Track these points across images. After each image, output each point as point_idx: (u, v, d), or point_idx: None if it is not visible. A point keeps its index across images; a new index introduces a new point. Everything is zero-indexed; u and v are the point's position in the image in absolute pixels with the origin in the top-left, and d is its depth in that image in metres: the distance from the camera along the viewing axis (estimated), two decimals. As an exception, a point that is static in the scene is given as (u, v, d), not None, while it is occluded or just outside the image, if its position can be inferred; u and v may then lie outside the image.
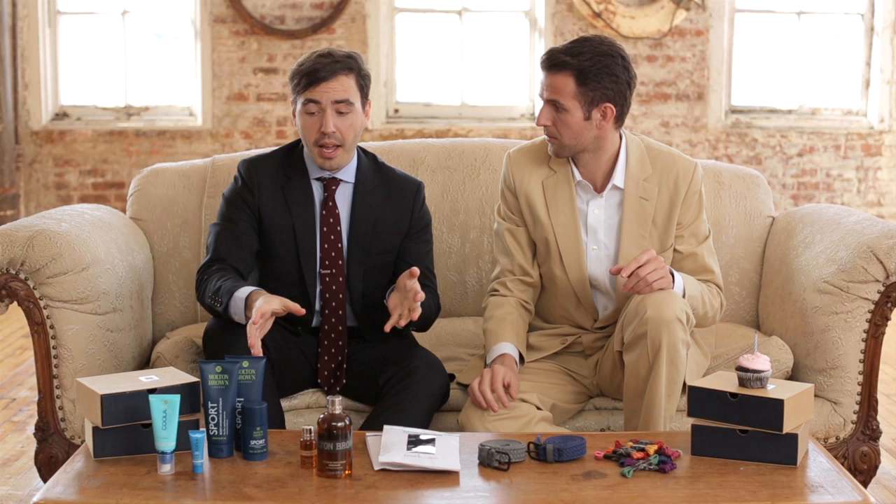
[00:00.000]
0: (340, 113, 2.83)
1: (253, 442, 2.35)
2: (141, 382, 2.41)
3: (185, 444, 2.33)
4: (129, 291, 3.07)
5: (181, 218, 3.38)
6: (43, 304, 2.90)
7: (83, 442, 2.56)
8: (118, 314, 3.00)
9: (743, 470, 2.33)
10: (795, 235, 3.25)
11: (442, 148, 3.50)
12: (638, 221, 2.89)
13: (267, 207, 2.91)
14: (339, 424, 2.26)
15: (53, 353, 2.92)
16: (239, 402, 2.39)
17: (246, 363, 2.42)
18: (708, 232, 2.97)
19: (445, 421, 2.86)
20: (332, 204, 2.92)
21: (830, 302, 3.00)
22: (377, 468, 2.30)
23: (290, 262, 2.91)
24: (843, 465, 2.93)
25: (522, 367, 2.90)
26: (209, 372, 2.36)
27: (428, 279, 2.98)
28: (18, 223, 2.97)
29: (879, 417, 3.25)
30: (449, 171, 3.45)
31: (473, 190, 3.43)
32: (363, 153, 3.02)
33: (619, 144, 2.90)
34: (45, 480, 2.97)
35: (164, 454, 2.28)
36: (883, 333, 3.01)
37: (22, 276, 2.88)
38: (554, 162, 2.94)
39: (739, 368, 2.42)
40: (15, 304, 2.92)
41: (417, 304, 2.67)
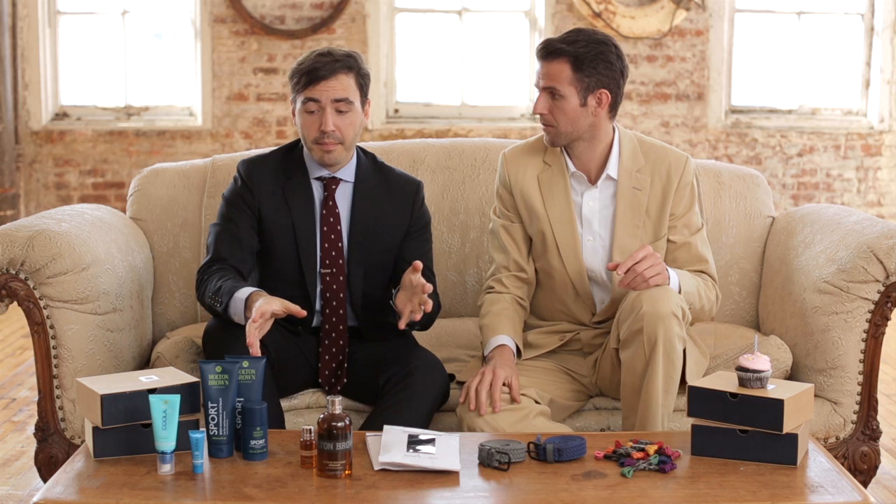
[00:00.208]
0: (340, 111, 2.84)
1: (253, 442, 2.35)
2: (141, 382, 2.41)
3: (185, 444, 2.33)
4: (129, 291, 3.07)
5: (181, 218, 3.38)
6: (43, 304, 2.90)
7: (83, 442, 2.56)
8: (118, 314, 3.00)
9: (743, 470, 2.33)
10: (795, 235, 3.25)
11: (442, 148, 3.50)
12: (632, 212, 2.92)
13: (267, 207, 2.91)
14: (339, 424, 2.26)
15: (53, 353, 2.92)
16: (239, 402, 2.39)
17: (246, 363, 2.42)
18: (701, 224, 3.00)
19: (445, 421, 2.86)
20: (332, 203, 2.92)
21: (830, 302, 3.00)
22: (377, 468, 2.30)
23: (290, 261, 2.91)
24: (843, 465, 2.93)
25: (520, 363, 2.90)
26: (209, 372, 2.37)
27: (428, 278, 2.98)
28: (18, 223, 2.97)
29: (879, 417, 3.25)
30: (449, 171, 3.45)
31: (473, 190, 3.43)
32: (362, 153, 3.02)
33: (612, 136, 2.95)
34: (45, 480, 2.97)
35: (164, 454, 2.28)
36: (883, 333, 3.01)
37: (22, 276, 2.88)
38: (548, 156, 2.97)
39: (739, 368, 2.42)
40: (15, 304, 2.92)
41: (427, 292, 2.66)
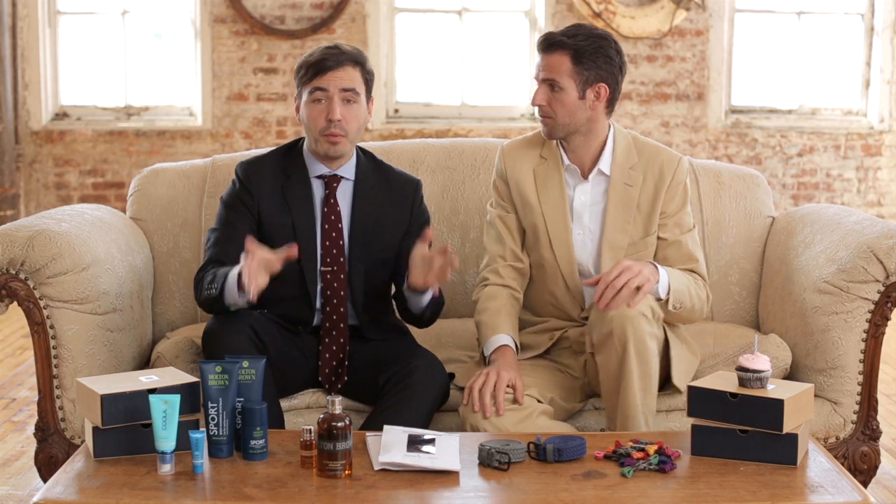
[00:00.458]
0: (347, 101, 2.86)
1: (253, 442, 2.35)
2: (141, 382, 2.41)
3: (185, 444, 2.33)
4: (129, 291, 3.07)
5: (181, 218, 3.38)
6: (43, 304, 2.90)
7: (83, 442, 2.56)
8: (118, 314, 3.00)
9: (743, 470, 2.33)
10: (795, 235, 3.25)
11: (442, 148, 3.51)
12: (622, 207, 2.94)
13: (266, 208, 2.91)
14: (339, 424, 2.26)
15: (53, 353, 2.92)
16: (239, 402, 2.39)
17: (246, 363, 2.42)
18: (692, 225, 3.00)
19: (445, 421, 2.86)
20: (333, 201, 2.93)
21: (830, 302, 3.00)
22: (377, 468, 2.30)
23: (290, 260, 2.91)
24: (843, 465, 2.93)
25: (520, 363, 2.90)
26: (209, 372, 2.37)
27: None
28: (18, 223, 2.97)
29: (879, 417, 3.25)
30: (449, 171, 3.45)
31: (473, 190, 3.43)
32: (361, 152, 3.03)
33: (607, 132, 2.97)
34: (45, 480, 2.97)
35: (164, 454, 2.28)
36: (883, 333, 3.01)
37: (22, 276, 2.88)
38: (545, 150, 3.00)
39: (739, 368, 2.42)
40: (15, 304, 2.92)
41: (450, 255, 2.66)
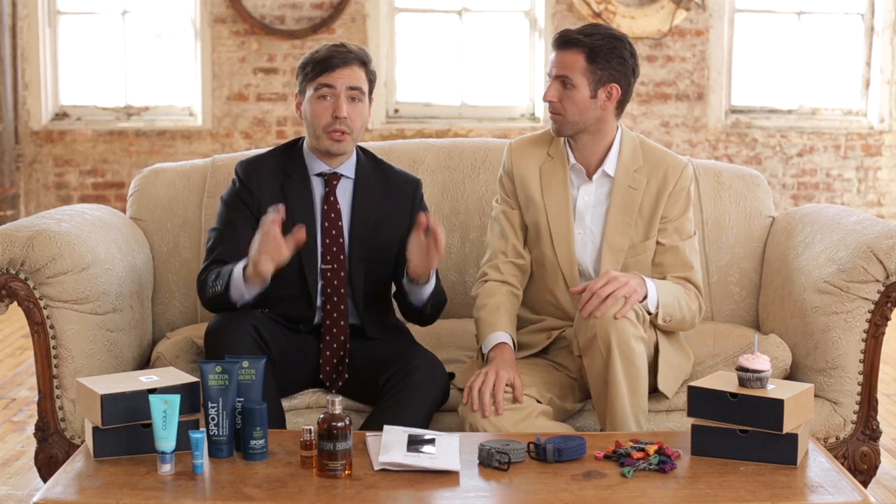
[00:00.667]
0: (352, 100, 2.87)
1: (253, 442, 2.35)
2: (141, 382, 2.41)
3: (185, 444, 2.33)
4: (129, 291, 3.07)
5: (181, 218, 3.38)
6: (43, 304, 2.90)
7: (83, 442, 2.56)
8: (118, 314, 3.00)
9: (743, 470, 2.33)
10: (795, 235, 3.25)
11: (442, 148, 3.51)
12: (625, 209, 2.94)
13: (267, 206, 2.90)
14: (339, 424, 2.26)
15: (53, 353, 2.92)
16: (239, 402, 2.39)
17: (246, 363, 2.42)
18: (692, 232, 3.00)
19: (445, 421, 2.86)
20: (333, 199, 2.93)
21: (830, 302, 3.00)
22: (377, 468, 2.30)
23: (291, 258, 2.91)
24: (843, 465, 2.93)
25: (519, 363, 2.90)
26: (209, 372, 2.37)
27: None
28: (18, 223, 2.97)
29: (879, 417, 3.25)
30: (449, 171, 3.45)
31: (473, 190, 3.43)
32: (361, 151, 3.03)
33: (615, 133, 2.97)
34: (45, 480, 2.97)
35: (164, 454, 2.28)
36: (883, 333, 3.01)
37: (22, 276, 2.88)
38: (552, 148, 3.00)
39: (739, 368, 2.42)
40: (15, 304, 2.92)
41: (438, 232, 2.67)
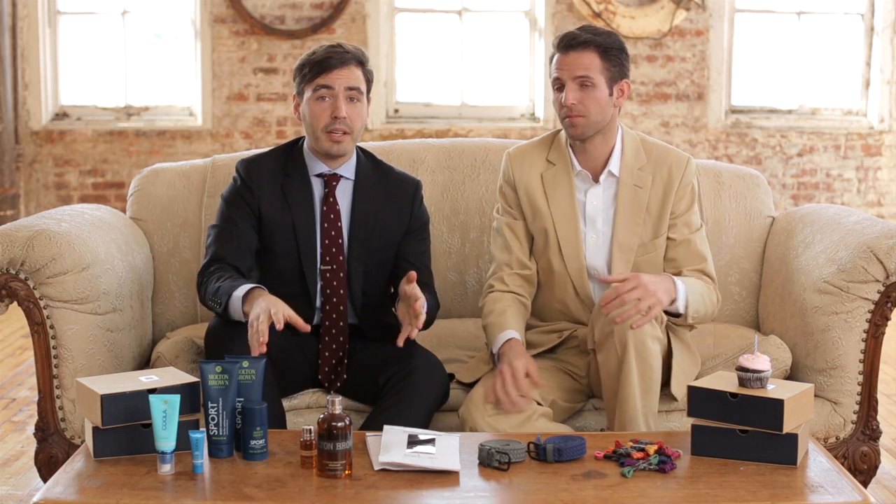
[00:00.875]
0: (351, 100, 2.87)
1: (253, 442, 2.35)
2: (141, 382, 2.41)
3: (185, 444, 2.33)
4: (129, 291, 3.07)
5: (181, 218, 3.38)
6: (43, 304, 2.90)
7: (83, 442, 2.56)
8: (118, 314, 3.00)
9: (743, 470, 2.33)
10: (795, 235, 3.25)
11: (442, 148, 3.51)
12: (632, 208, 2.94)
13: (267, 206, 2.92)
14: (339, 424, 2.26)
15: (53, 353, 2.92)
16: (239, 402, 2.39)
17: (246, 363, 2.42)
18: (700, 224, 3.01)
19: (445, 421, 2.86)
20: (332, 200, 2.93)
21: (830, 302, 3.00)
22: (377, 468, 2.30)
23: (290, 259, 2.91)
24: (843, 465, 2.93)
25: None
26: (209, 372, 2.36)
27: (427, 277, 3.00)
28: (18, 223, 2.97)
29: (879, 417, 3.25)
30: (449, 171, 3.45)
31: (473, 190, 3.43)
32: (361, 152, 3.03)
33: (618, 133, 2.97)
34: (45, 480, 2.97)
35: (164, 454, 2.28)
36: (883, 333, 3.01)
37: (22, 276, 2.88)
38: (552, 155, 2.99)
39: (739, 368, 2.42)
40: (15, 304, 2.92)
41: (422, 310, 2.68)
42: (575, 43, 2.87)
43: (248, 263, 2.89)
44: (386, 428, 2.46)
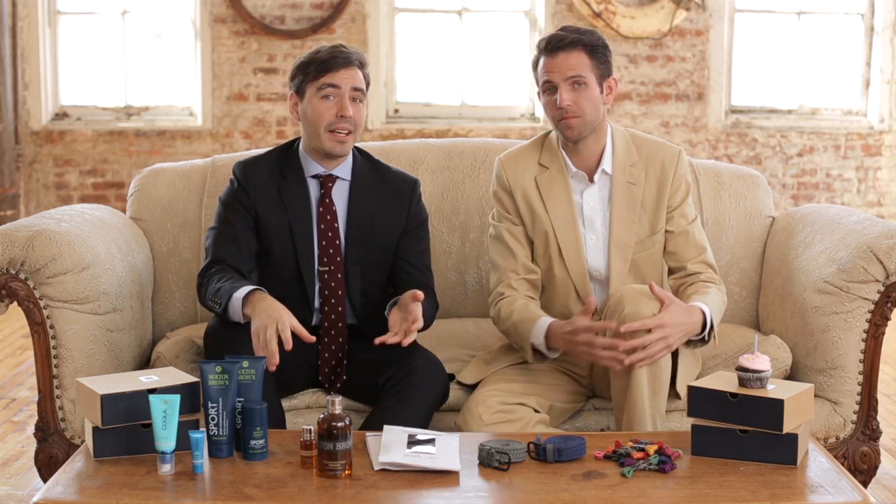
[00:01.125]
0: (354, 100, 2.88)
1: (253, 442, 2.35)
2: (141, 382, 2.41)
3: (185, 444, 2.33)
4: (129, 291, 3.07)
5: (181, 218, 3.38)
6: (43, 304, 2.90)
7: (83, 442, 2.56)
8: (118, 314, 3.00)
9: (743, 470, 2.33)
10: (795, 235, 3.25)
11: (442, 148, 3.51)
12: (627, 206, 2.93)
13: (263, 207, 2.92)
14: (339, 424, 2.26)
15: (53, 353, 2.92)
16: (239, 402, 2.39)
17: (246, 363, 2.42)
18: (695, 215, 3.00)
19: (445, 421, 2.86)
20: (328, 201, 2.93)
21: (830, 302, 3.00)
22: (377, 468, 2.30)
23: (288, 260, 2.91)
24: (843, 465, 2.93)
25: (521, 367, 2.91)
26: (209, 372, 2.37)
27: (426, 277, 3.00)
28: (18, 223, 2.97)
29: (879, 417, 3.25)
30: (449, 171, 3.45)
31: (473, 190, 3.43)
32: (358, 151, 3.03)
33: (607, 130, 2.97)
34: (45, 480, 2.97)
35: (164, 454, 2.28)
36: (883, 333, 3.01)
37: (22, 276, 2.88)
38: (544, 158, 2.98)
39: (739, 368, 2.42)
40: (15, 304, 2.92)
41: (415, 332, 2.69)
42: (563, 44, 2.85)
43: (248, 265, 2.90)
44: (386, 428, 2.46)
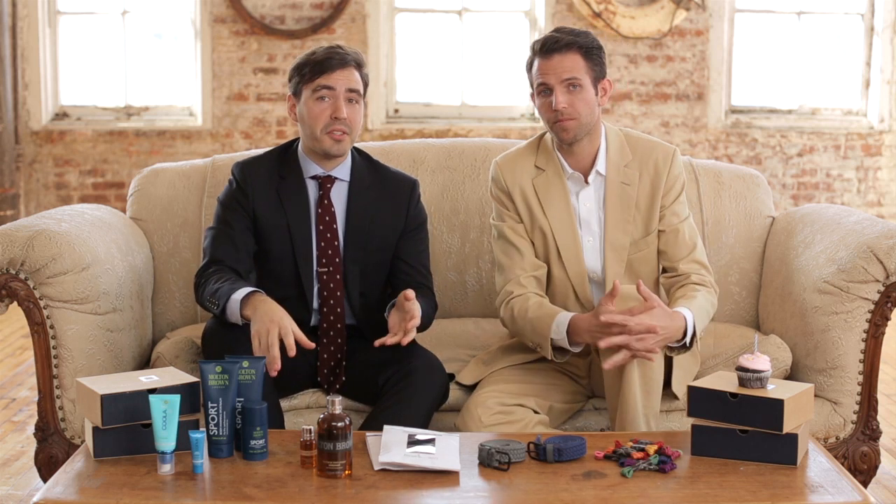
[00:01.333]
0: (350, 101, 2.88)
1: (253, 442, 2.35)
2: (141, 382, 2.41)
3: (185, 444, 2.33)
4: (129, 291, 3.07)
5: (181, 218, 3.38)
6: (43, 304, 2.90)
7: (83, 442, 2.56)
8: (118, 314, 3.00)
9: (743, 470, 2.33)
10: (795, 235, 3.25)
11: (442, 148, 3.51)
12: (621, 207, 2.92)
13: (262, 208, 2.92)
14: (339, 424, 2.26)
15: (53, 353, 2.92)
16: (239, 402, 2.39)
17: (246, 363, 2.42)
18: (687, 213, 2.99)
19: (445, 421, 2.86)
20: (327, 202, 2.93)
21: (830, 302, 3.00)
22: (377, 468, 2.30)
23: (286, 261, 2.91)
24: (843, 465, 2.93)
25: (520, 367, 2.91)
26: (209, 372, 2.37)
27: (425, 277, 3.00)
28: (18, 223, 2.97)
29: (879, 417, 3.25)
30: (449, 171, 3.45)
31: (473, 190, 3.43)
32: (356, 152, 3.03)
33: (601, 132, 2.96)
34: (45, 480, 2.97)
35: (164, 454, 2.28)
36: (883, 333, 3.01)
37: (22, 276, 2.88)
38: (540, 160, 2.96)
39: (739, 368, 2.42)
40: (15, 304, 2.92)
41: (413, 330, 2.69)
42: (558, 46, 2.83)
43: (245, 266, 2.90)
44: (386, 428, 2.46)
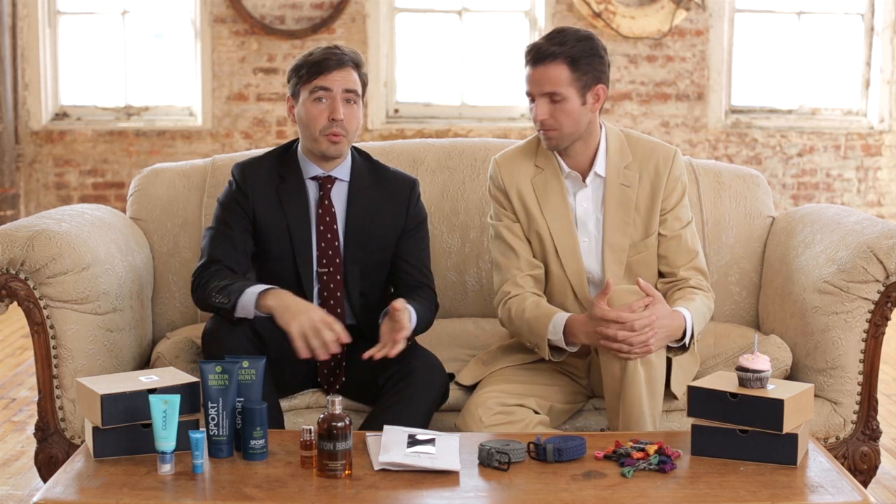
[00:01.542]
0: (347, 102, 2.87)
1: (253, 442, 2.35)
2: (141, 382, 2.42)
3: (185, 444, 2.33)
4: (129, 291, 3.07)
5: (181, 218, 3.38)
6: (43, 304, 2.90)
7: (83, 442, 2.56)
8: (118, 314, 3.00)
9: (743, 470, 2.33)
10: (795, 235, 3.25)
11: (442, 148, 3.51)
12: (620, 208, 2.91)
13: (261, 209, 2.92)
14: (339, 424, 2.27)
15: (53, 353, 2.92)
16: (239, 402, 2.39)
17: (246, 363, 2.42)
18: (690, 217, 2.98)
19: (445, 421, 2.86)
20: (327, 202, 2.93)
21: (830, 302, 3.00)
22: (377, 468, 2.30)
23: (286, 262, 2.91)
24: (843, 465, 2.93)
25: (521, 367, 2.91)
26: (209, 372, 2.37)
27: (425, 276, 2.99)
28: (18, 223, 2.97)
29: (879, 417, 3.25)
30: (449, 171, 3.45)
31: (473, 190, 3.42)
32: (356, 152, 3.03)
33: (600, 132, 2.93)
34: (45, 480, 2.98)
35: (164, 454, 2.28)
36: (883, 333, 3.01)
37: (22, 276, 2.88)
38: (539, 159, 2.95)
39: (739, 368, 2.42)
40: (15, 304, 2.93)
41: (402, 341, 2.69)
42: (542, 56, 2.79)
43: (243, 267, 2.90)
44: (386, 428, 2.46)
